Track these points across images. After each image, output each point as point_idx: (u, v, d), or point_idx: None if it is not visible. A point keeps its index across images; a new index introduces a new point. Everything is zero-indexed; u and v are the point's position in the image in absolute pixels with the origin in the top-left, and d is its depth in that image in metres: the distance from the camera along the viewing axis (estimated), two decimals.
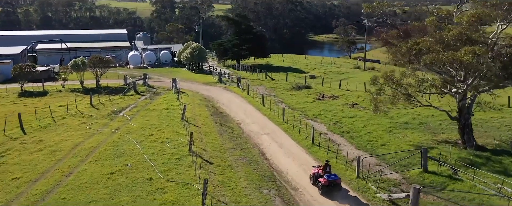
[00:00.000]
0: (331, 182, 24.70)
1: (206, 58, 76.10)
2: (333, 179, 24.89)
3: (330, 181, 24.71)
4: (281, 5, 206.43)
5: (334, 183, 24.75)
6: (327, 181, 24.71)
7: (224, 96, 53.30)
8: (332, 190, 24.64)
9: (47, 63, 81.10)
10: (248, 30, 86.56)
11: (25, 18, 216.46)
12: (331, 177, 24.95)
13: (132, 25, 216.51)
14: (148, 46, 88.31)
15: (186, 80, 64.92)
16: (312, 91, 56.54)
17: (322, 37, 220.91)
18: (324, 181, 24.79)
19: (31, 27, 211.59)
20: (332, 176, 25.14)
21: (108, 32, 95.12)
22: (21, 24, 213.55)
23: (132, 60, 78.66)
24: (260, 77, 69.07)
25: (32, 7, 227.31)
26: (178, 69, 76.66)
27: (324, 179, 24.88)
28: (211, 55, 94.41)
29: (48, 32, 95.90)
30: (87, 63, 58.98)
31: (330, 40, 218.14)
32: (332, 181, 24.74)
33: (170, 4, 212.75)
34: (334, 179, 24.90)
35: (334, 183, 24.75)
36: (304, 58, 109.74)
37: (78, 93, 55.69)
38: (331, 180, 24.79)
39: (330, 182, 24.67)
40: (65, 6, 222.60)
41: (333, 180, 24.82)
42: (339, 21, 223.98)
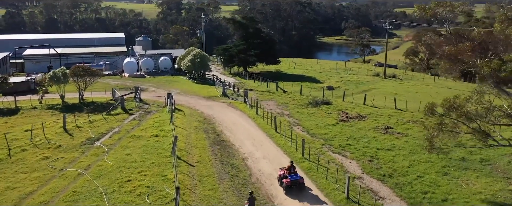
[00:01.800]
0: (294, 182, 25.23)
1: (209, 66, 65.77)
2: (296, 179, 25.38)
3: (293, 181, 25.23)
4: (289, 6, 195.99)
5: (297, 183, 25.30)
6: (290, 181, 25.19)
7: (228, 116, 43.00)
8: (295, 190, 25.13)
9: (35, 70, 71.34)
10: (256, 34, 76.17)
11: (30, 20, 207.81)
12: (294, 177, 25.39)
13: (138, 27, 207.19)
14: (147, 52, 78.29)
15: (184, 93, 54.67)
16: (333, 108, 46.09)
17: (331, 39, 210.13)
18: (287, 181, 25.24)
19: (36, 29, 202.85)
20: (295, 176, 25.49)
21: (104, 36, 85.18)
22: (26, 26, 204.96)
23: (127, 67, 68.66)
24: (270, 88, 58.70)
25: (37, 8, 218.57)
26: (178, 79, 66.45)
27: (287, 180, 25.32)
28: (216, 60, 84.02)
29: (36, 36, 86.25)
30: (69, 75, 48.94)
31: (339, 42, 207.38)
32: (295, 181, 25.28)
33: (176, 5, 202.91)
34: (296, 179, 25.40)
35: (297, 183, 25.29)
36: (317, 63, 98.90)
37: (56, 111, 45.62)
38: (294, 180, 25.31)
39: (293, 182, 25.20)
40: (70, 8, 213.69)
41: (295, 180, 25.34)
42: (349, 23, 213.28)
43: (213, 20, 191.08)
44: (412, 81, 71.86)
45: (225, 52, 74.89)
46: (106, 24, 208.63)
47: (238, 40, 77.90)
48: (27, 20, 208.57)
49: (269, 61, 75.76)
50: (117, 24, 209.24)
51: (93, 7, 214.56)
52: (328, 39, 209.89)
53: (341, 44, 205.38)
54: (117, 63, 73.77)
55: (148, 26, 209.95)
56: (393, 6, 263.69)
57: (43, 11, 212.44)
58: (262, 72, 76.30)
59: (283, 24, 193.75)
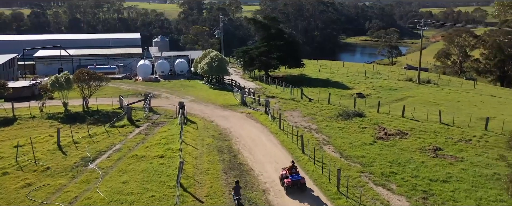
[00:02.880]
0: (295, 182, 24.08)
1: (227, 70, 59.47)
2: (297, 179, 24.22)
3: (294, 181, 24.09)
4: (312, 6, 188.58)
5: (298, 183, 24.15)
6: (291, 181, 24.08)
7: (247, 131, 36.68)
8: (296, 190, 24.01)
9: (46, 73, 66.42)
10: (279, 35, 69.58)
11: (54, 20, 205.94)
12: (295, 177, 24.24)
13: (159, 27, 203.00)
14: (163, 53, 72.62)
15: (199, 101, 48.57)
16: (367, 121, 39.30)
17: (355, 39, 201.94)
18: (288, 181, 24.15)
19: (60, 29, 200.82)
20: (297, 176, 24.36)
21: (119, 37, 79.88)
22: (51, 26, 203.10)
23: (141, 71, 63.02)
24: (294, 95, 52.11)
25: (61, 8, 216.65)
26: (194, 83, 60.45)
27: (288, 180, 24.23)
28: (236, 63, 77.67)
29: (48, 36, 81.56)
30: (73, 80, 43.42)
31: (363, 42, 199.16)
32: (296, 181, 24.14)
33: (198, 5, 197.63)
34: (297, 179, 24.24)
35: (298, 183, 24.14)
36: (342, 66, 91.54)
37: (56, 121, 40.09)
38: (295, 180, 24.16)
39: (294, 182, 24.07)
40: (94, 8, 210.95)
41: (297, 180, 24.19)
42: (373, 23, 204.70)
43: (235, 20, 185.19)
44: (450, 87, 64.25)
45: (245, 54, 68.60)
46: (128, 24, 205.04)
47: (259, 42, 71.48)
48: (51, 20, 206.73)
49: (292, 65, 69.14)
50: (138, 24, 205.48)
51: (116, 7, 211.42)
52: (351, 39, 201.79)
53: (365, 45, 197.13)
54: (131, 66, 68.31)
55: (170, 26, 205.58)
56: (418, 6, 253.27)
57: (66, 11, 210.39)
58: (284, 76, 69.75)
59: (305, 24, 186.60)
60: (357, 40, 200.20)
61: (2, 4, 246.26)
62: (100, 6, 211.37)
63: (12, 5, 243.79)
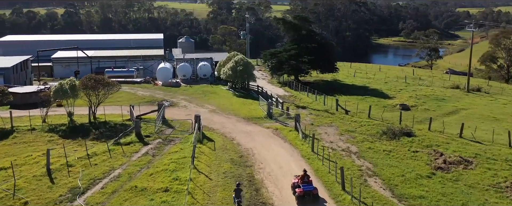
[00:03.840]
0: (307, 192, 21.98)
1: (253, 75, 52.72)
2: (310, 189, 22.06)
3: (306, 191, 22.01)
4: (343, 6, 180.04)
5: (311, 194, 22.02)
6: (303, 191, 22.02)
7: (273, 154, 29.97)
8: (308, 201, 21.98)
9: (64, 75, 61.62)
10: (310, 36, 62.42)
11: (86, 19, 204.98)
12: (307, 187, 22.08)
13: (188, 27, 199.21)
14: (185, 56, 66.70)
15: (221, 112, 42.11)
16: (418, 142, 31.96)
17: (387, 40, 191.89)
18: (300, 191, 22.11)
19: (92, 28, 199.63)
20: (309, 186, 22.22)
21: (141, 37, 74.42)
22: (83, 25, 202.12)
23: (161, 74, 57.20)
24: (328, 106, 45.00)
25: (94, 8, 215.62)
26: (217, 89, 54.13)
27: (300, 189, 22.18)
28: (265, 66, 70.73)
29: (66, 37, 76.71)
30: (79, 88, 37.76)
31: (396, 43, 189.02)
32: (308, 191, 22.02)
33: (227, 5, 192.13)
34: (310, 189, 22.10)
35: (311, 194, 22.04)
36: (379, 69, 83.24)
37: (56, 136, 34.49)
38: (307, 190, 22.04)
39: (306, 193, 21.97)
40: (125, 8, 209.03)
41: (309, 190, 22.06)
42: (407, 23, 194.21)
43: (264, 20, 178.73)
44: (504, 97, 55.65)
45: (273, 57, 61.80)
46: (158, 24, 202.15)
47: (289, 44, 64.48)
48: (84, 19, 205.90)
49: (325, 69, 61.87)
50: (168, 23, 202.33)
51: (146, 6, 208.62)
52: (384, 40, 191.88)
53: (398, 46, 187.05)
54: (152, 68, 62.67)
55: (199, 25, 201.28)
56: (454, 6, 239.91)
57: (99, 10, 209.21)
58: (316, 82, 62.69)
59: (337, 25, 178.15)
60: (390, 41, 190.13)
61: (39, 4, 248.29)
62: (131, 5, 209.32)
63: (49, 4, 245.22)
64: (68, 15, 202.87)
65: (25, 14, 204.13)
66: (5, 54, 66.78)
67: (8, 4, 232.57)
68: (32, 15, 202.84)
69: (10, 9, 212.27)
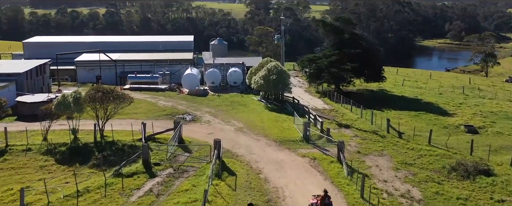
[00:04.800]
0: None
1: (288, 86, 45.26)
2: None
3: None
4: (386, 6, 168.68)
5: None
6: None
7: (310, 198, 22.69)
8: None
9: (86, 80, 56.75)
10: (353, 41, 54.36)
11: (127, 19, 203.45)
12: None
13: (225, 27, 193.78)
14: (215, 60, 60.21)
15: (249, 130, 35.08)
16: (501, 186, 23.83)
17: (432, 42, 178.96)
18: None
19: (132, 28, 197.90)
20: None
21: (170, 40, 68.35)
22: (123, 25, 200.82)
23: (187, 81, 50.90)
24: (376, 126, 37.05)
25: (134, 8, 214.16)
26: (247, 100, 47.20)
27: None
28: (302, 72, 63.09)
29: (91, 38, 71.54)
30: (84, 100, 31.80)
31: (441, 46, 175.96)
32: None
33: (265, 5, 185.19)
34: None
35: None
36: (430, 77, 73.36)
37: (52, 159, 28.67)
38: None
39: None
40: (163, 7, 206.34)
41: None
42: (453, 25, 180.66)
43: (302, 21, 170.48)
44: None
45: (311, 64, 54.19)
46: (196, 24, 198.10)
47: (329, 49, 56.61)
48: (124, 19, 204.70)
49: (370, 78, 53.67)
50: (206, 23, 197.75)
51: (184, 6, 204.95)
52: (429, 42, 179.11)
53: (444, 49, 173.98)
54: (180, 74, 56.44)
55: (236, 26, 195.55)
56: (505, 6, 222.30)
57: (139, 10, 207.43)
58: (359, 92, 54.63)
59: (378, 26, 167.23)
60: (435, 43, 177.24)
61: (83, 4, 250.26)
62: (170, 5, 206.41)
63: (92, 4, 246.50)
64: (109, 15, 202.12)
65: (69, 14, 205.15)
66: (30, 56, 62.71)
67: (54, 4, 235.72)
68: (76, 15, 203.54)
69: (56, 8, 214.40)
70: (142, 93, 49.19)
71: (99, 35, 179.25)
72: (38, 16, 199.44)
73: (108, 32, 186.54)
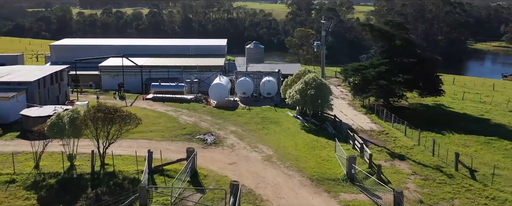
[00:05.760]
0: None
1: (328, 101, 37.72)
2: None
3: None
4: (435, 7, 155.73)
5: None
6: None
7: None
8: None
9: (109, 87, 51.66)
10: (406, 48, 45.97)
11: (169, 19, 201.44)
12: None
13: (266, 28, 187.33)
14: (249, 67, 53.64)
15: (278, 160, 28.10)
16: None
17: (486, 45, 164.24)
18: None
19: (173, 28, 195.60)
20: None
21: (201, 44, 62.16)
22: (166, 25, 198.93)
23: (214, 92, 44.57)
24: (439, 158, 29.05)
25: (176, 8, 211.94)
26: (281, 115, 40.16)
27: None
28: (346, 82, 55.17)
29: (116, 41, 66.11)
30: (83, 119, 25.93)
31: (496, 49, 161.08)
32: None
33: (307, 5, 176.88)
34: None
35: None
36: (493, 88, 62.92)
37: (34, 198, 22.99)
38: None
39: None
40: (205, 8, 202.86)
41: None
42: (510, 27, 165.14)
43: (345, 22, 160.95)
44: None
45: (356, 74, 46.36)
46: (236, 24, 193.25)
47: (377, 57, 48.49)
48: (166, 19, 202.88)
49: (426, 91, 45.13)
50: (247, 24, 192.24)
51: (226, 7, 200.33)
52: (482, 45, 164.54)
53: (498, 52, 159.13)
54: (209, 81, 50.14)
55: (277, 27, 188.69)
56: None
57: (180, 11, 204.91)
58: (412, 107, 46.24)
59: (427, 28, 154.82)
60: (489, 46, 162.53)
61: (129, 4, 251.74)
62: (211, 6, 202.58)
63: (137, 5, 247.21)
64: (152, 15, 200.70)
65: (114, 14, 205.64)
66: (57, 60, 58.62)
67: (102, 4, 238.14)
68: (120, 15, 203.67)
69: (102, 8, 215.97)
70: (164, 104, 43.37)
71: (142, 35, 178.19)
72: (85, 16, 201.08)
73: (150, 32, 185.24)
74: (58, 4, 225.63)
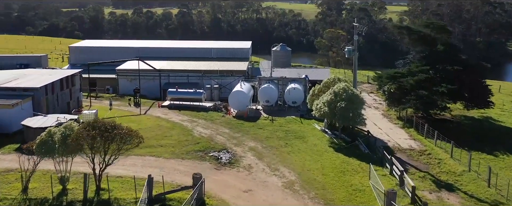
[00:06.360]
0: None
1: (360, 116, 32.64)
2: None
3: None
4: (473, 7, 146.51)
5: None
6: None
7: None
8: None
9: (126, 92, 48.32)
10: (450, 54, 40.35)
11: (198, 19, 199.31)
12: None
13: (295, 28, 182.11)
14: (274, 72, 49.18)
15: (301, 188, 23.59)
16: None
17: None
18: None
19: (202, 28, 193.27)
20: None
21: (224, 46, 57.96)
22: (195, 25, 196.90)
23: (234, 100, 40.39)
24: (495, 190, 23.80)
25: (205, 8, 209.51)
26: (307, 128, 35.55)
27: None
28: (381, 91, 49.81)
29: (132, 43, 62.94)
30: (75, 138, 22.20)
31: None
32: None
33: (337, 5, 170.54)
34: None
35: None
36: None
37: None
38: None
39: None
40: (234, 8, 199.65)
41: None
42: None
43: (377, 22, 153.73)
44: None
45: (392, 81, 41.08)
46: (265, 24, 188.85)
47: (416, 63, 42.96)
48: (195, 19, 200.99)
49: (472, 103, 39.37)
50: (275, 24, 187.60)
51: (255, 7, 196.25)
52: None
53: None
54: (231, 87, 46.02)
55: (307, 27, 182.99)
56: None
57: (209, 11, 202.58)
58: (455, 119, 40.59)
59: (464, 29, 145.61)
60: None
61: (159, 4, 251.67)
62: (240, 6, 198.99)
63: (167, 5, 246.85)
64: (181, 15, 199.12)
65: (144, 14, 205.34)
66: (76, 62, 56.17)
67: (133, 4, 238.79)
68: (150, 15, 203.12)
69: (133, 8, 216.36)
70: (180, 113, 39.62)
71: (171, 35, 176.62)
72: (116, 16, 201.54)
73: (180, 32, 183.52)
74: (92, 4, 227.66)
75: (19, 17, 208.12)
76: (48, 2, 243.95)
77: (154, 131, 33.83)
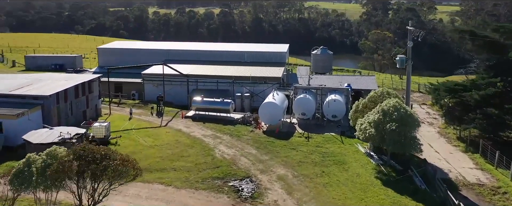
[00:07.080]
0: None
1: (416, 142, 26.12)
2: None
3: None
4: None
5: None
6: None
7: None
8: None
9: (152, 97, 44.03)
10: None
11: (239, 19, 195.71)
12: None
13: (338, 28, 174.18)
14: (311, 79, 43.29)
15: None
16: None
17: None
18: None
19: (244, 28, 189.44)
20: None
21: (258, 50, 52.08)
22: (236, 25, 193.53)
23: (265, 112, 34.98)
24: None
25: (246, 8, 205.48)
26: (349, 151, 29.54)
27: None
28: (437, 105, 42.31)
29: (159, 45, 58.30)
30: (54, 170, 17.59)
31: None
32: None
33: (383, 5, 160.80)
34: None
35: None
36: None
37: None
38: None
39: None
40: (276, 8, 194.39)
41: None
42: None
43: (426, 23, 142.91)
44: None
45: (452, 94, 34.09)
46: (307, 25, 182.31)
47: (481, 74, 35.66)
48: (237, 19, 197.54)
49: None
50: (318, 24, 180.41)
51: (297, 7, 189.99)
52: None
53: None
54: (264, 95, 40.64)
55: (350, 27, 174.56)
56: None
57: (251, 10, 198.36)
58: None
59: None
60: None
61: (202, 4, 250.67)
62: (282, 6, 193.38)
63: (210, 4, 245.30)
64: (223, 15, 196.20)
65: (187, 13, 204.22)
66: (104, 64, 52.78)
67: (177, 4, 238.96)
68: (192, 15, 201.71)
69: (176, 8, 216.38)
70: (204, 126, 34.79)
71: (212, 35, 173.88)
72: (160, 15, 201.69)
73: (221, 32, 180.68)
74: (137, 4, 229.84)
75: (69, 16, 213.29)
76: (97, 2, 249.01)
77: (170, 149, 29.14)
